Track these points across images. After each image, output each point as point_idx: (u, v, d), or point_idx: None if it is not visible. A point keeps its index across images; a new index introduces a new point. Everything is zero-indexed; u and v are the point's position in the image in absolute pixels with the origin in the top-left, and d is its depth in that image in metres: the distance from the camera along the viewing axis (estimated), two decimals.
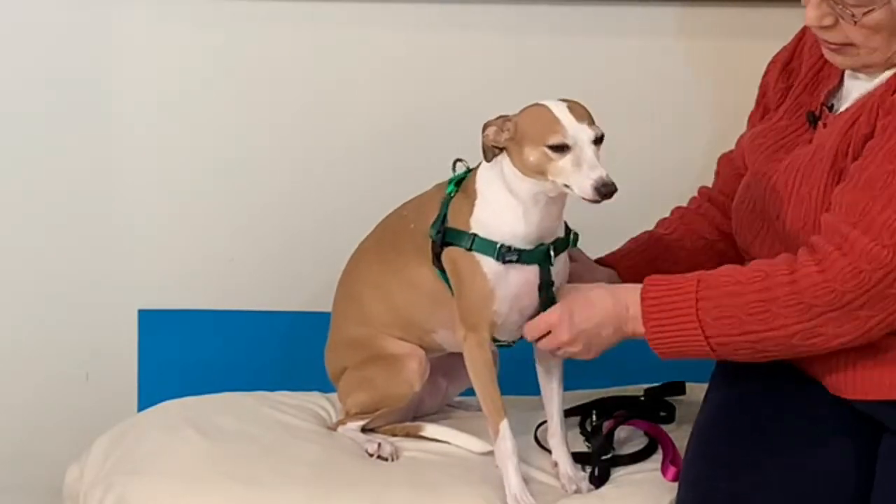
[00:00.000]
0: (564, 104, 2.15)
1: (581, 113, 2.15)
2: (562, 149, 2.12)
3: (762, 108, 2.41)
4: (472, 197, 2.23)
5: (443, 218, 2.25)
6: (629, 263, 2.42)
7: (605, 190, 2.10)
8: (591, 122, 2.14)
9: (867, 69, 2.17)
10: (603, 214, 2.23)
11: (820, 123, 2.22)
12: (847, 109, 2.18)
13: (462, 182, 2.28)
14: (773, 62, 2.40)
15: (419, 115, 2.93)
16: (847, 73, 2.23)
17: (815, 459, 2.12)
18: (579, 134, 2.12)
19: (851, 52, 2.14)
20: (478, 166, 2.26)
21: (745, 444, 2.15)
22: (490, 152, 2.19)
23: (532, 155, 2.14)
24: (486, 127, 2.18)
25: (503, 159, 2.19)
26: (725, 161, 2.51)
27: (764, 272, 2.09)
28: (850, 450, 2.14)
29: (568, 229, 2.26)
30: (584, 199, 2.12)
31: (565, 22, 2.91)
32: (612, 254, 2.46)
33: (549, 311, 2.21)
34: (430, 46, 2.92)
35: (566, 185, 2.13)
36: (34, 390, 3.00)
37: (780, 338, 2.08)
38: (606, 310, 2.18)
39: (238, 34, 2.90)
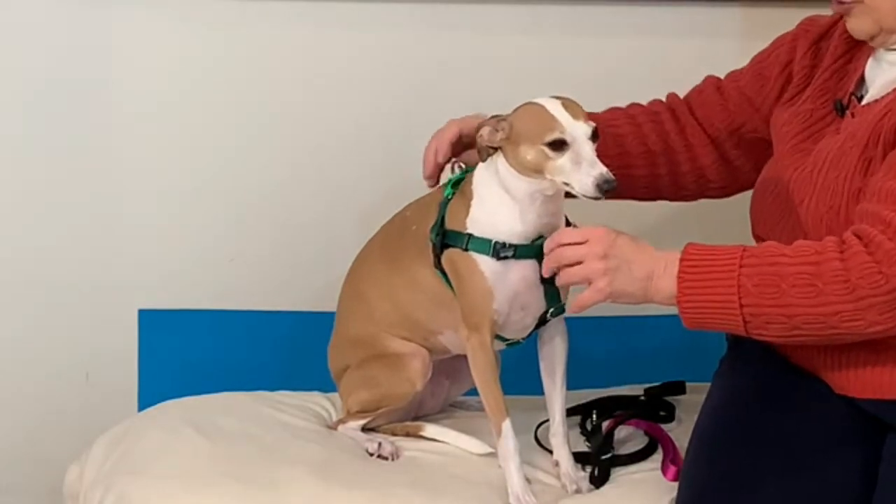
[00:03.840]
0: (558, 101, 2.15)
1: (576, 110, 2.14)
2: (560, 146, 2.12)
3: (784, 77, 2.35)
4: (468, 198, 2.24)
5: (441, 220, 2.26)
6: None
7: (607, 186, 2.09)
8: (587, 119, 2.14)
9: (887, 37, 2.15)
10: (605, 211, 2.24)
11: (848, 113, 2.20)
12: (879, 100, 2.15)
13: (458, 184, 2.28)
14: (803, 29, 2.35)
15: (420, 115, 2.91)
16: (870, 61, 2.21)
17: (818, 460, 2.11)
18: (576, 131, 2.12)
19: (859, 11, 2.13)
20: (475, 167, 2.26)
21: (745, 444, 2.13)
22: (485, 152, 2.18)
23: (529, 154, 2.13)
24: (479, 127, 2.18)
25: (498, 159, 2.19)
26: (711, 86, 2.46)
27: (813, 248, 2.04)
28: (853, 450, 2.12)
29: (568, 223, 2.26)
30: (584, 196, 2.11)
31: (567, 22, 2.91)
32: None
33: (593, 226, 2.14)
34: (431, 46, 2.92)
35: (565, 183, 2.13)
36: (34, 390, 3.00)
37: (819, 315, 2.02)
38: (648, 255, 2.10)
39: (238, 34, 2.90)
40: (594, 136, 2.13)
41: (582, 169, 2.11)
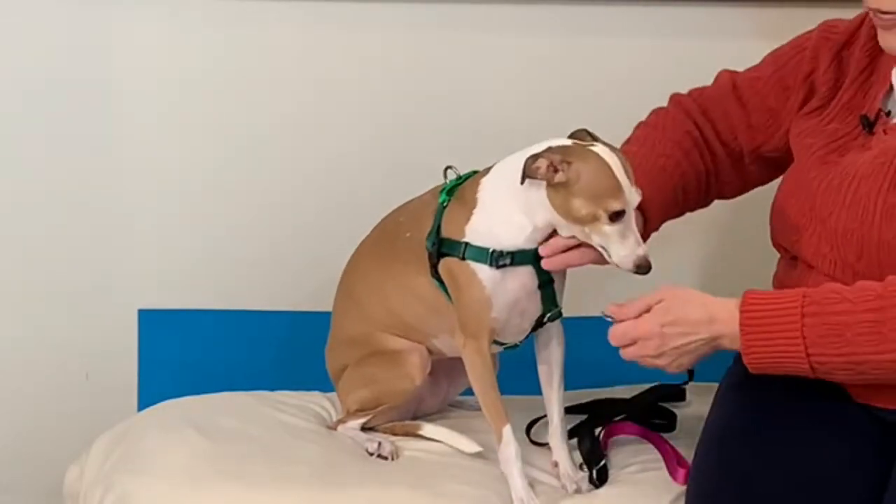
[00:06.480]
0: (617, 157, 2.11)
1: (629, 170, 2.12)
2: (618, 217, 2.10)
3: (807, 88, 2.31)
4: (469, 205, 2.21)
5: (437, 228, 2.24)
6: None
7: (643, 271, 2.10)
8: (636, 182, 2.12)
9: None
10: None
11: (879, 130, 2.17)
12: None
13: (454, 190, 2.26)
14: (824, 38, 2.31)
15: (419, 114, 2.93)
16: (894, 72, 2.19)
17: (832, 467, 2.08)
18: (631, 199, 2.10)
19: None
20: (480, 174, 2.24)
21: (758, 451, 2.10)
22: (530, 177, 2.11)
23: (584, 209, 2.10)
24: (536, 158, 2.10)
25: (532, 186, 2.13)
26: (730, 95, 2.41)
27: (875, 292, 2.01)
28: (868, 458, 2.10)
29: None
30: (617, 266, 2.11)
31: (568, 22, 2.91)
32: None
33: (639, 320, 2.11)
34: (431, 46, 2.91)
35: (603, 248, 2.11)
36: (34, 390, 3.00)
37: (886, 361, 2.00)
38: (699, 325, 2.09)
39: (238, 34, 2.90)
40: (638, 205, 2.13)
41: (627, 244, 2.10)
